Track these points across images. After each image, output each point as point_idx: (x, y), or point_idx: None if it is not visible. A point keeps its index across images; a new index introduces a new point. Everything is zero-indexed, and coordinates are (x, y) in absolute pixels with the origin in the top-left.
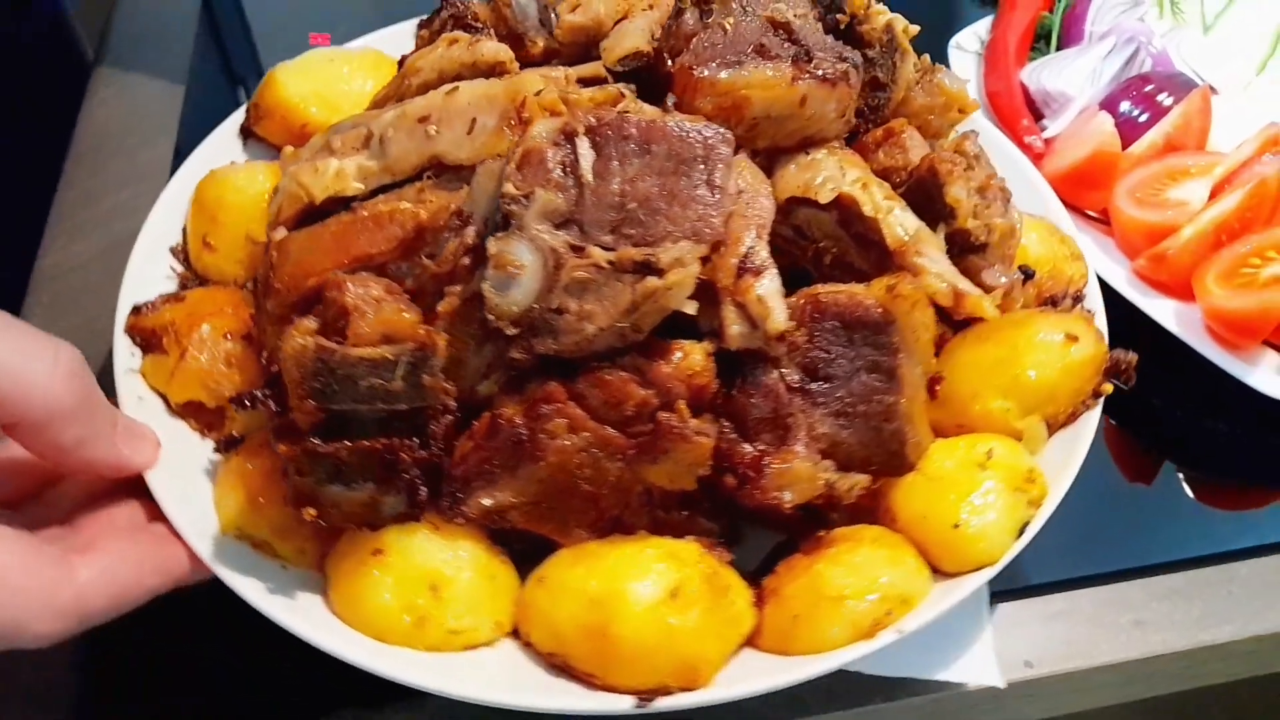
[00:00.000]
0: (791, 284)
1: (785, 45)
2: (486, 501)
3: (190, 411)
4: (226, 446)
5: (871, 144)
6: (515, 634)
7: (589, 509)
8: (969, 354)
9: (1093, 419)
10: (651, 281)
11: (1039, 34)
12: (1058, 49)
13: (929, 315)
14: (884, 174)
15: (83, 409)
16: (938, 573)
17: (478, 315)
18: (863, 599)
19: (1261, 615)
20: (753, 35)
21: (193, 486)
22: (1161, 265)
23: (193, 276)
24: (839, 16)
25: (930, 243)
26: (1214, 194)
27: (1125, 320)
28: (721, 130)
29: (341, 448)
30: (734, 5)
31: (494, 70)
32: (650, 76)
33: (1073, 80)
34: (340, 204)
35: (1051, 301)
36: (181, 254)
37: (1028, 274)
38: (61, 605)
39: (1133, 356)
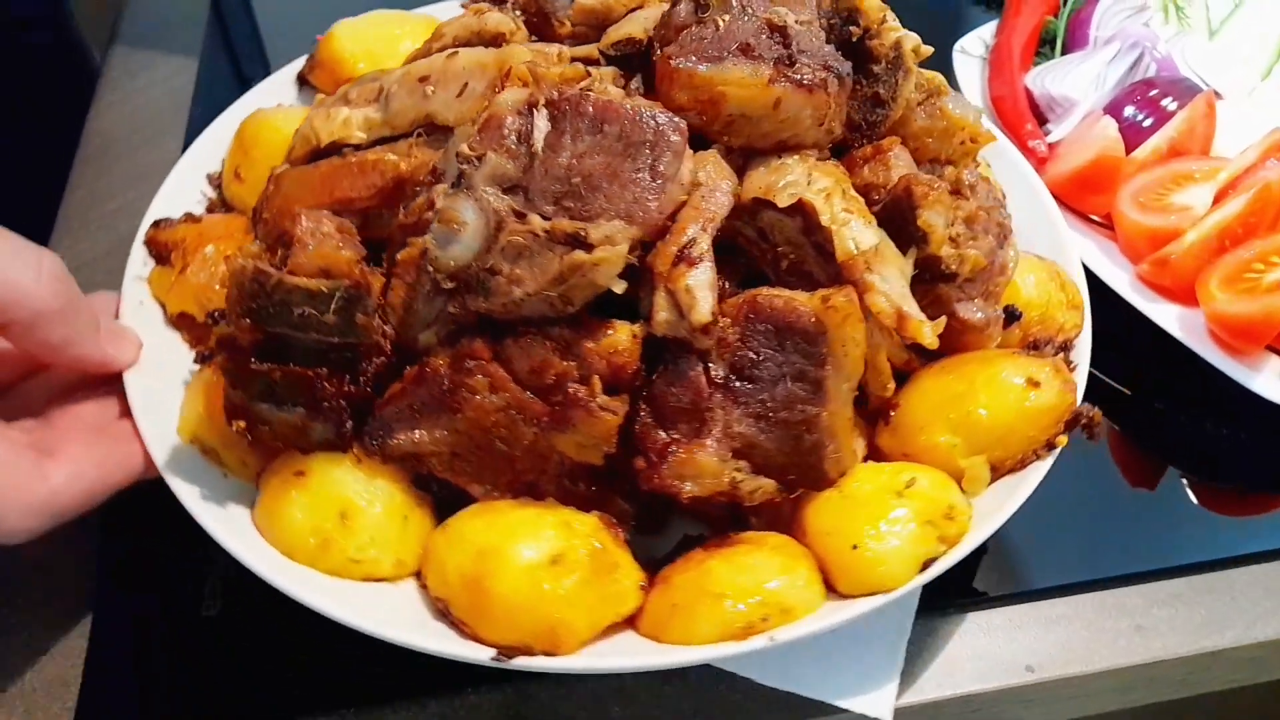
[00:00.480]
0: (750, 285)
1: (774, 47)
2: (405, 444)
3: (183, 323)
4: (203, 359)
5: (860, 159)
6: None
7: (505, 469)
8: (927, 384)
9: (1040, 470)
10: (579, 255)
11: (1044, 38)
12: (1062, 54)
13: (861, 331)
14: (865, 190)
15: (69, 309)
16: (834, 592)
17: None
18: (742, 600)
19: (1263, 621)
20: (743, 34)
21: (168, 392)
22: (1165, 270)
23: (220, 203)
24: (852, 29)
25: (888, 262)
26: (1218, 199)
27: (1128, 325)
28: (675, 119)
29: (274, 369)
30: (733, 4)
31: (496, 40)
32: (647, 66)
33: (1077, 85)
34: (348, 149)
35: (1034, 346)
36: (216, 182)
37: (1012, 314)
38: (36, 504)
39: (1097, 414)
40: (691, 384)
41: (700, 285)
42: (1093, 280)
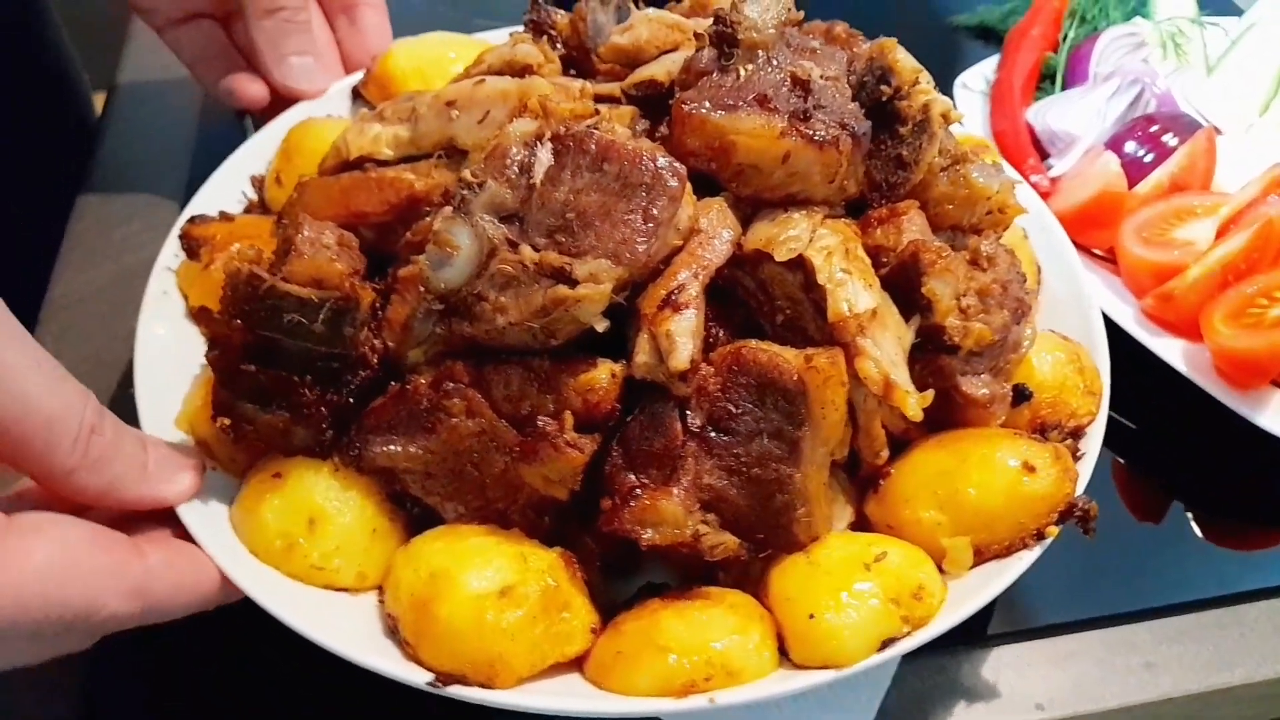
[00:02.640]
0: (747, 336)
1: (792, 101)
2: (381, 457)
3: (202, 316)
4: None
5: (874, 220)
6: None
7: (476, 494)
8: (920, 456)
9: (1025, 560)
10: (562, 290)
11: (1044, 74)
12: (1063, 89)
13: (841, 396)
14: (875, 252)
15: (103, 460)
16: (789, 660)
17: None
18: (686, 657)
19: (1273, 659)
20: (763, 86)
21: (179, 382)
22: (1169, 305)
23: (258, 205)
24: (883, 89)
25: (886, 327)
26: (1220, 234)
27: (1133, 359)
28: (674, 164)
29: (260, 371)
30: (759, 55)
31: (524, 71)
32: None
33: (1078, 120)
34: (372, 164)
35: (1042, 429)
36: (258, 184)
37: (1022, 394)
38: (132, 584)
39: (1094, 507)
40: (665, 430)
41: (682, 331)
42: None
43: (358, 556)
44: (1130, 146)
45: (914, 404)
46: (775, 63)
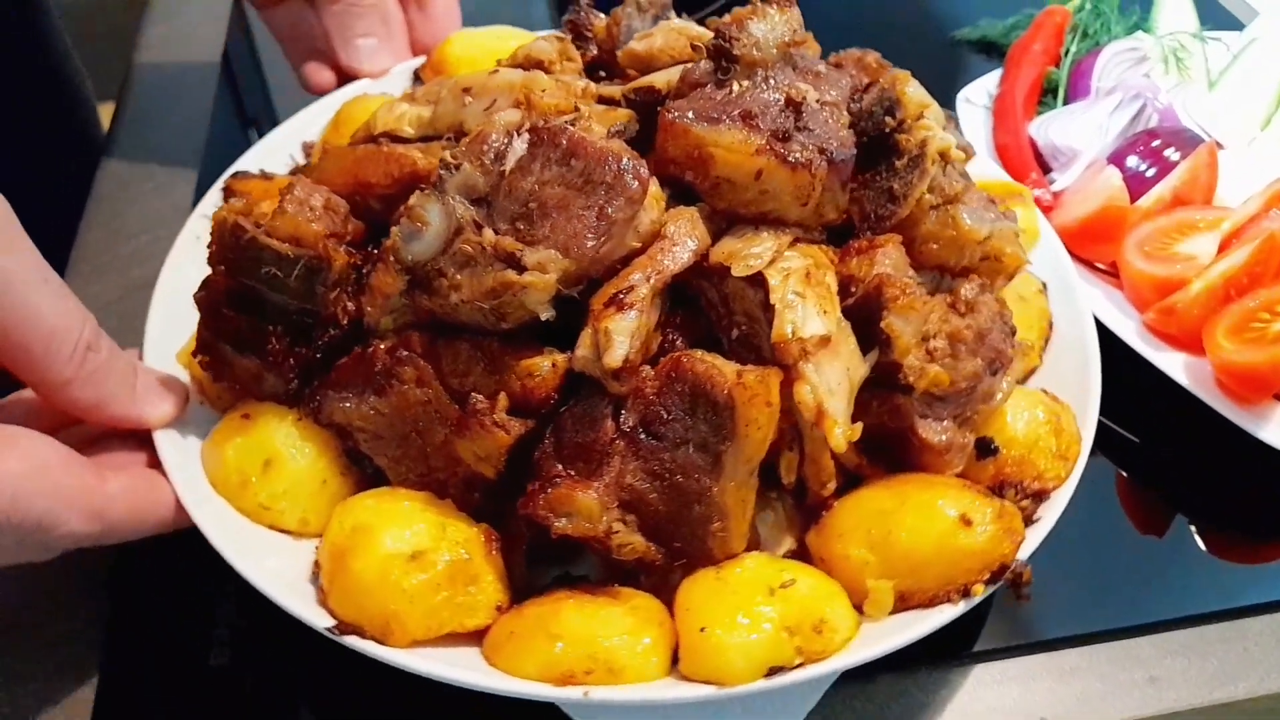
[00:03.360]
0: (703, 346)
1: (779, 120)
2: (338, 414)
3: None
4: None
5: (853, 250)
6: None
7: (419, 460)
8: (865, 494)
9: (945, 614)
10: (510, 274)
11: (1046, 88)
12: (1065, 103)
13: (766, 416)
14: (846, 281)
15: (98, 374)
16: (677, 670)
17: None
18: (573, 647)
19: (1277, 672)
20: (754, 103)
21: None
22: (1171, 319)
23: (302, 168)
24: (888, 120)
25: (836, 356)
26: (1222, 248)
27: (1135, 373)
28: (639, 168)
29: (238, 317)
30: (758, 73)
31: (538, 65)
32: None
33: (1080, 135)
34: (389, 140)
35: (1000, 486)
36: (307, 150)
37: (986, 447)
38: (93, 507)
39: (1028, 573)
40: (596, 425)
41: (621, 330)
42: (1100, 328)
43: (303, 502)
44: (1132, 161)
45: (839, 435)
46: (773, 82)
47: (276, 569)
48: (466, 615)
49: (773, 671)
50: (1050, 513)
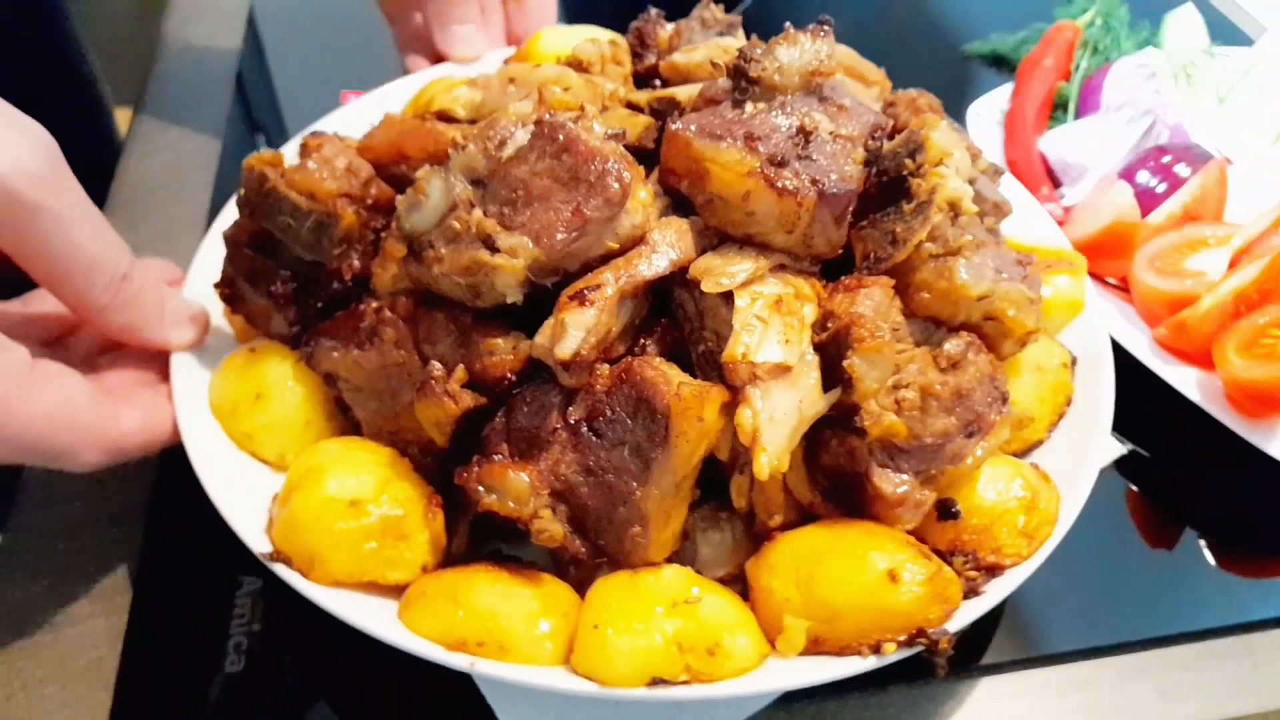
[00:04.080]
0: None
1: (784, 146)
2: (326, 362)
3: None
4: None
5: (842, 287)
6: None
7: (389, 418)
8: (806, 531)
9: (850, 666)
10: (483, 254)
11: (1057, 103)
12: (1075, 118)
13: (698, 431)
14: (826, 317)
15: (130, 304)
16: (568, 663)
17: None
18: (472, 617)
19: None
20: (763, 126)
21: None
22: (1182, 334)
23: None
24: (908, 161)
25: (791, 385)
26: (1232, 264)
27: (1146, 387)
28: (622, 171)
29: (256, 257)
30: (779, 98)
31: (578, 65)
32: None
33: (1090, 150)
34: (444, 118)
35: (950, 552)
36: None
37: (946, 509)
38: (108, 443)
39: (945, 642)
40: (543, 411)
41: (576, 324)
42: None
43: (283, 437)
44: (1143, 177)
45: (764, 464)
46: (789, 108)
47: (241, 493)
48: (390, 569)
49: (655, 682)
50: (999, 590)
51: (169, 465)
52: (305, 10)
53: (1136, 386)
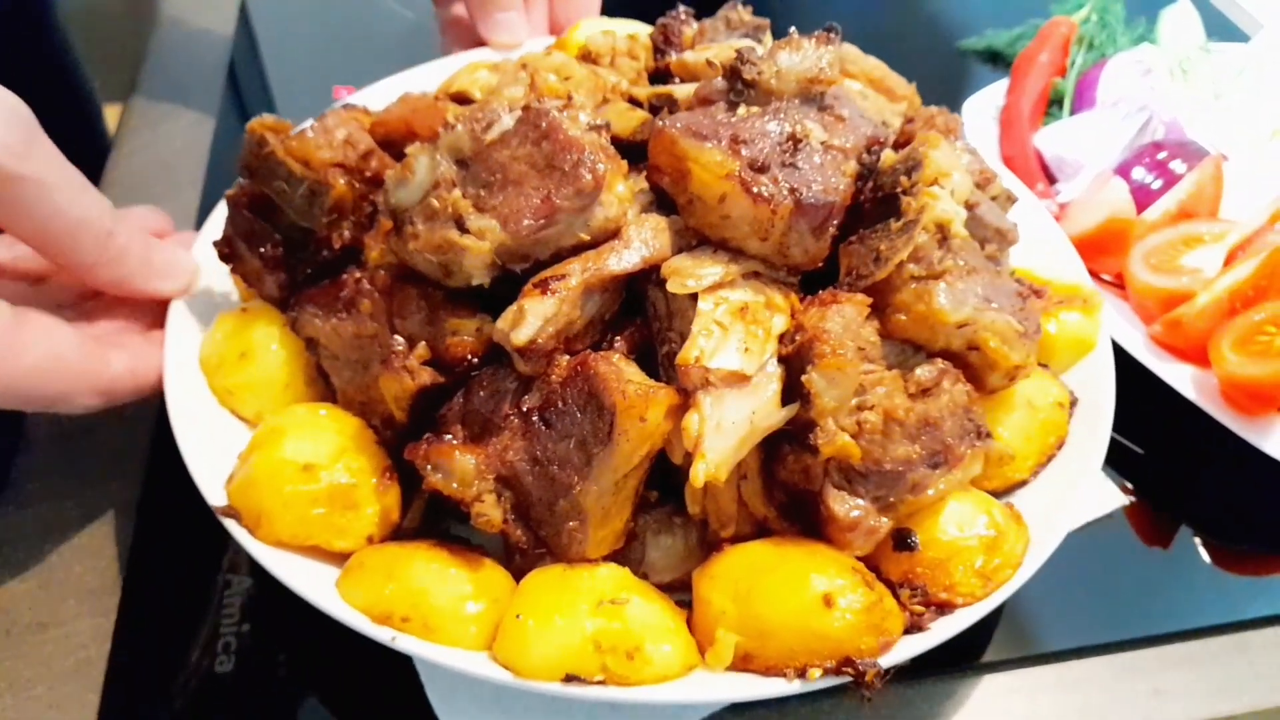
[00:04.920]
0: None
1: (770, 151)
2: (307, 327)
3: None
4: None
5: (816, 300)
6: None
7: (359, 388)
8: (753, 545)
9: (774, 687)
10: (452, 234)
11: (1052, 99)
12: (1071, 114)
13: (637, 430)
14: (796, 329)
15: (119, 258)
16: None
17: None
18: (401, 593)
19: None
20: (751, 130)
21: None
22: (1177, 331)
23: None
24: (903, 180)
25: (744, 396)
26: (1228, 261)
27: (1142, 384)
28: (596, 165)
29: (255, 219)
30: (775, 103)
31: (588, 55)
32: None
33: (1086, 146)
34: (461, 100)
35: (900, 584)
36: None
37: (902, 539)
38: (99, 386)
39: (873, 674)
40: (498, 396)
41: (535, 312)
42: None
43: (259, 396)
44: (1138, 173)
45: (700, 471)
46: (784, 114)
47: (211, 447)
48: (336, 536)
49: (570, 679)
50: (944, 629)
51: (156, 464)
52: (300, 5)
53: (1132, 384)
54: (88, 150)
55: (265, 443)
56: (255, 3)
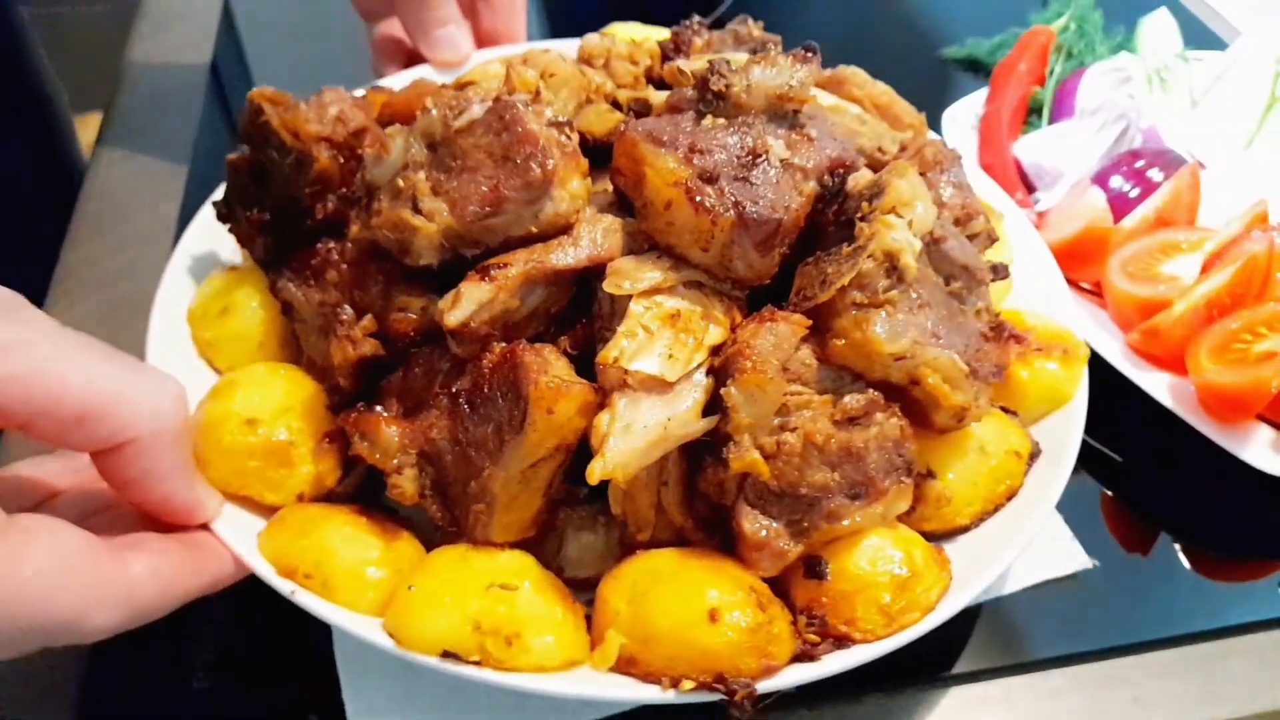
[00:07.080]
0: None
1: (720, 163)
2: (285, 292)
3: None
4: None
5: (755, 317)
6: None
7: (323, 357)
8: (661, 552)
9: (647, 693)
10: (404, 213)
11: (1031, 108)
12: (1049, 123)
13: (544, 423)
14: (731, 343)
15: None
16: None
17: None
18: (309, 550)
19: (1262, 693)
20: (712, 140)
21: None
22: (1154, 339)
23: None
24: (864, 205)
25: (663, 402)
26: (1205, 269)
27: (1120, 393)
28: (546, 160)
29: (250, 184)
30: (741, 118)
31: (584, 57)
32: None
33: (1064, 155)
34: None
35: (801, 611)
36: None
37: (812, 567)
38: (117, 595)
39: (744, 694)
40: (431, 375)
41: (470, 297)
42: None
43: (234, 351)
44: (1116, 181)
45: (597, 469)
46: (752, 128)
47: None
48: (269, 490)
49: (447, 655)
50: (835, 663)
51: None
52: (285, 14)
53: (1110, 392)
54: (58, 174)
55: (219, 394)
56: (239, 9)
